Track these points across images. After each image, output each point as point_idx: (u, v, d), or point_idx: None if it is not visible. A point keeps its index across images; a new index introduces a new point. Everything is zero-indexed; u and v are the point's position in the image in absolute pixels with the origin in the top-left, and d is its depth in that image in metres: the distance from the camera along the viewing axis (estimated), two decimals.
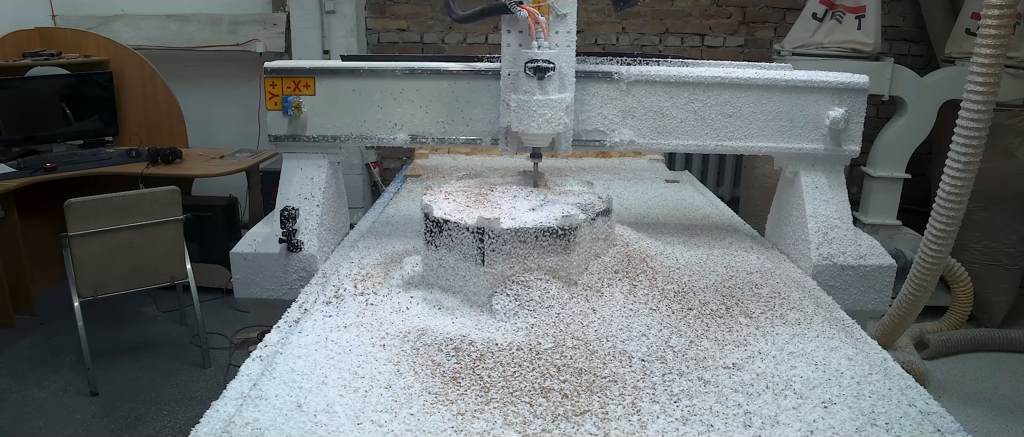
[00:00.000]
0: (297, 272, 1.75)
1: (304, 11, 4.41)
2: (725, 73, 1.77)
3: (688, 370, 1.24)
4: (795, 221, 1.84)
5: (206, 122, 4.63)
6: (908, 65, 3.63)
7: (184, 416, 2.88)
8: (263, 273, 1.76)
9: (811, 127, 1.79)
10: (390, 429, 1.05)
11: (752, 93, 1.77)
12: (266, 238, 1.79)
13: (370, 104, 1.79)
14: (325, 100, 1.79)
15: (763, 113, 1.78)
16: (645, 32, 4.58)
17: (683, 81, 1.76)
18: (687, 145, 1.81)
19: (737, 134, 1.80)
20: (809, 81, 1.76)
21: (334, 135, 1.82)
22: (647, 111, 1.79)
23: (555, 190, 1.69)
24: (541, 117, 1.58)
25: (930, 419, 1.09)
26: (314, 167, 1.84)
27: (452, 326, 1.36)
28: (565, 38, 1.59)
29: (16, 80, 3.88)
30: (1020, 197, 3.58)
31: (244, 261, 1.77)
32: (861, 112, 1.78)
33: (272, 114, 1.81)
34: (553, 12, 1.56)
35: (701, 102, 1.77)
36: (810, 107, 1.78)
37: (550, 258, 1.44)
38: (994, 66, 1.75)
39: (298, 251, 1.74)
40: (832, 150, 1.80)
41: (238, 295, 1.80)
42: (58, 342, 3.48)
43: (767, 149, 1.82)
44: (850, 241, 1.76)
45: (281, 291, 1.76)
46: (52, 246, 3.26)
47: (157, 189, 3.08)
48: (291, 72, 1.78)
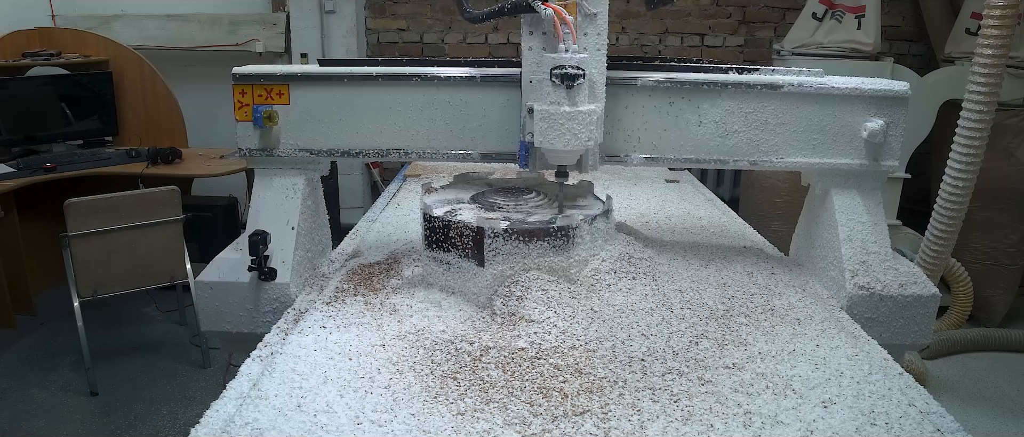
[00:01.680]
0: (269, 303, 1.56)
1: (304, 11, 4.41)
2: (749, 78, 1.57)
3: (688, 370, 1.23)
4: (826, 244, 1.66)
5: (206, 122, 4.63)
6: (908, 65, 3.63)
7: (184, 416, 2.88)
8: (231, 304, 1.57)
9: (845, 140, 1.59)
10: (390, 429, 1.05)
11: (781, 101, 1.56)
12: (234, 265, 1.57)
13: (353, 114, 1.59)
14: (301, 110, 1.59)
15: (792, 123, 1.58)
16: (645, 32, 4.58)
17: (707, 84, 1.56)
18: (710, 160, 1.61)
19: (765, 147, 1.60)
20: (845, 88, 1.55)
21: (311, 149, 1.61)
22: (668, 121, 1.59)
23: (555, 190, 1.69)
24: (569, 131, 1.38)
25: (930, 419, 1.09)
26: (289, 185, 1.64)
27: (452, 326, 1.36)
28: (595, 41, 1.42)
29: (16, 80, 3.88)
30: (1020, 197, 3.58)
31: (210, 291, 1.56)
32: (902, 124, 1.58)
33: (242, 125, 1.60)
34: (581, 11, 1.40)
35: (724, 110, 1.57)
36: (845, 117, 1.57)
37: (550, 258, 1.44)
38: (996, 66, 1.76)
39: (271, 280, 1.54)
40: (869, 166, 1.60)
41: (204, 328, 1.62)
42: (58, 342, 3.48)
43: (795, 164, 1.62)
44: (888, 268, 1.58)
45: (252, 324, 1.57)
46: (52, 246, 3.25)
47: (157, 189, 3.08)
48: (262, 79, 1.58)
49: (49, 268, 3.81)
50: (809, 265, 1.75)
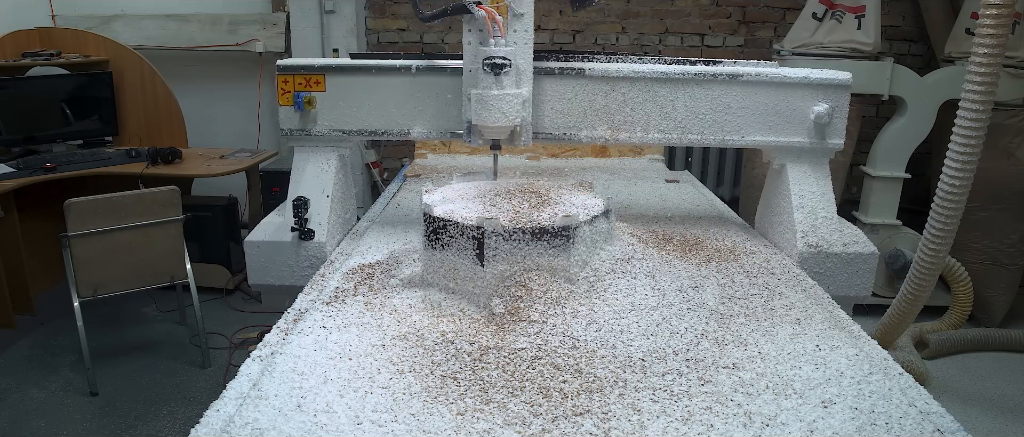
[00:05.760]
0: (308, 259, 1.83)
1: (304, 11, 4.41)
2: (717, 70, 1.87)
3: (688, 370, 1.23)
4: (782, 211, 1.93)
5: (206, 122, 4.63)
6: (908, 65, 3.63)
7: (184, 416, 2.88)
8: (276, 260, 1.84)
9: (797, 122, 1.88)
10: (390, 429, 1.05)
11: (742, 88, 1.87)
12: (278, 227, 1.88)
13: (378, 100, 1.88)
14: (335, 96, 1.88)
15: (752, 107, 1.88)
16: (645, 32, 4.58)
17: (664, 77, 1.86)
18: (676, 138, 1.90)
19: (728, 127, 1.90)
20: (795, 78, 1.86)
21: (344, 129, 1.90)
22: (623, 105, 1.88)
23: (555, 191, 1.69)
24: (498, 110, 1.64)
25: (930, 419, 1.09)
26: (324, 160, 1.93)
27: (452, 326, 1.36)
28: (523, 36, 1.66)
29: (16, 80, 3.88)
30: (1020, 197, 3.58)
31: (258, 249, 1.84)
32: (844, 107, 1.87)
33: (284, 110, 1.89)
34: (511, 11, 1.64)
35: (694, 97, 1.87)
36: (797, 102, 1.87)
37: (550, 258, 1.44)
38: (992, 65, 1.75)
39: (309, 239, 1.81)
40: (817, 143, 1.90)
41: (252, 281, 1.87)
42: (58, 342, 3.48)
43: (756, 142, 1.91)
44: (834, 230, 1.86)
45: (293, 278, 1.84)
46: (52, 246, 3.26)
47: (157, 189, 3.08)
48: (302, 70, 1.88)
49: (49, 268, 3.81)
50: (769, 231, 2.04)
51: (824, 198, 1.90)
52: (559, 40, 4.64)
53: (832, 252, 1.81)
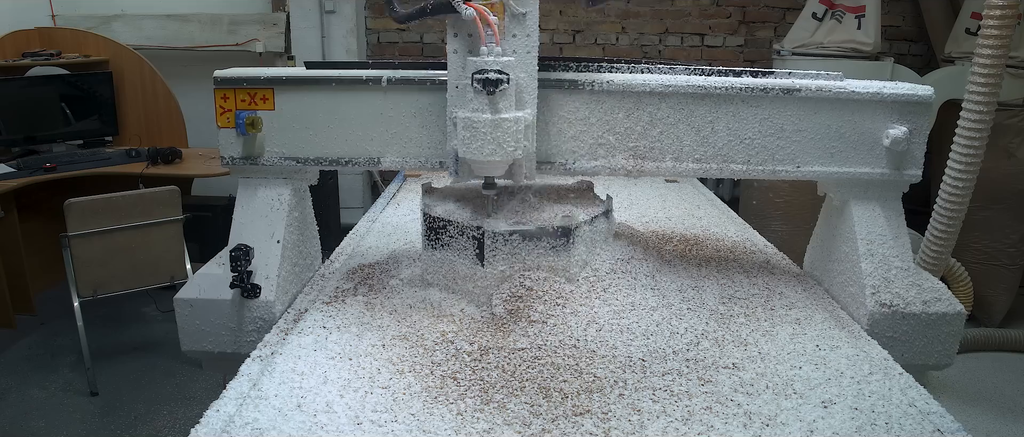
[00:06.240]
0: (253, 321, 1.46)
1: (304, 11, 4.41)
2: (769, 82, 1.46)
3: (688, 370, 1.23)
4: (845, 258, 1.56)
5: (206, 122, 4.58)
6: (908, 65, 3.63)
7: (184, 416, 2.88)
8: (213, 322, 1.46)
9: (865, 148, 1.49)
10: (390, 429, 1.05)
11: (799, 106, 1.46)
12: (215, 281, 1.47)
13: (340, 120, 1.48)
14: (287, 116, 1.49)
15: (811, 130, 1.47)
16: (645, 32, 4.58)
17: (702, 92, 1.44)
18: (714, 168, 1.50)
19: (780, 155, 1.49)
20: (864, 93, 1.45)
21: (297, 157, 1.51)
22: (651, 127, 1.47)
23: (555, 190, 1.69)
24: (493, 141, 1.28)
25: (930, 419, 1.09)
26: (274, 195, 1.53)
27: (452, 326, 1.36)
28: (524, 43, 1.31)
29: (16, 80, 3.88)
30: (1020, 197, 3.57)
31: (190, 308, 1.46)
32: (925, 130, 1.48)
33: (224, 133, 1.50)
34: (508, 12, 1.29)
35: (739, 118, 1.47)
36: (866, 124, 1.47)
37: (550, 258, 1.44)
38: (996, 66, 1.75)
39: (254, 297, 1.43)
40: (890, 175, 1.51)
41: (184, 348, 1.50)
42: (58, 342, 3.48)
43: (815, 174, 1.51)
44: (911, 284, 1.48)
45: (235, 344, 1.47)
46: (52, 246, 3.25)
47: (157, 189, 3.08)
48: (245, 82, 1.48)
49: (49, 268, 3.81)
50: (826, 280, 1.65)
51: (898, 243, 1.52)
52: (559, 40, 4.63)
53: (910, 312, 1.44)
